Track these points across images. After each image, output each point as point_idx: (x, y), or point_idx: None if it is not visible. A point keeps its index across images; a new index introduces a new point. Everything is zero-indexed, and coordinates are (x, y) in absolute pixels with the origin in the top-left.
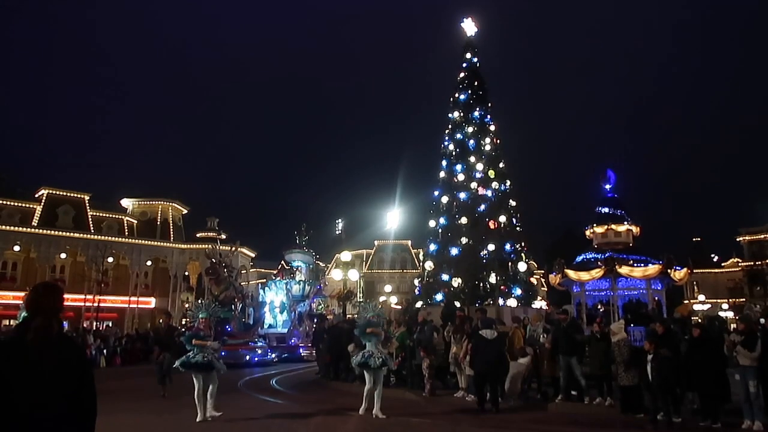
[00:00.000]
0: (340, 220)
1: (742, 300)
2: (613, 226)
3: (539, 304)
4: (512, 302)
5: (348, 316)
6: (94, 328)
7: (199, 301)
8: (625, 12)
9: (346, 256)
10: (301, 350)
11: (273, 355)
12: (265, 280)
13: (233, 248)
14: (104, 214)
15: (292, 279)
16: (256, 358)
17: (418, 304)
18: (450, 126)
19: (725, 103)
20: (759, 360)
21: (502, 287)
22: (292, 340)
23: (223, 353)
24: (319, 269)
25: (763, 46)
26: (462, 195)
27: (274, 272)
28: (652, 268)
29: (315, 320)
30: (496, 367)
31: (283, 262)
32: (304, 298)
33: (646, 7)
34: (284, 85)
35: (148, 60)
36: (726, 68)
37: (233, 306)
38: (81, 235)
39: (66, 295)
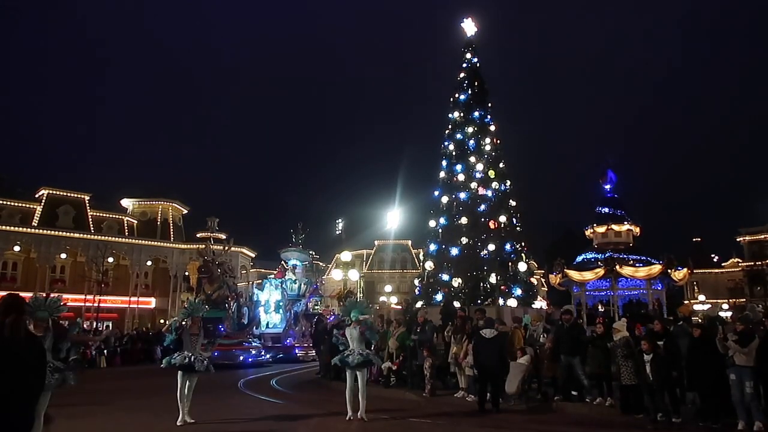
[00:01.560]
0: (340, 220)
1: (742, 300)
2: (614, 226)
3: (540, 304)
4: (512, 302)
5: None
6: (95, 328)
7: (194, 300)
8: (625, 11)
9: (346, 256)
10: (296, 350)
11: (268, 356)
12: (260, 281)
13: (226, 247)
14: (104, 214)
15: (287, 278)
16: (250, 359)
17: (418, 304)
18: (450, 126)
19: (726, 103)
20: (756, 360)
21: (502, 287)
22: (288, 340)
23: (215, 353)
24: (319, 269)
25: (765, 45)
26: (462, 195)
27: (275, 272)
28: (653, 268)
29: (315, 320)
30: (497, 366)
31: (283, 262)
32: (300, 297)
33: (648, 7)
34: (285, 85)
35: (148, 60)
36: (727, 68)
37: (227, 305)
38: (81, 235)
39: (66, 296)
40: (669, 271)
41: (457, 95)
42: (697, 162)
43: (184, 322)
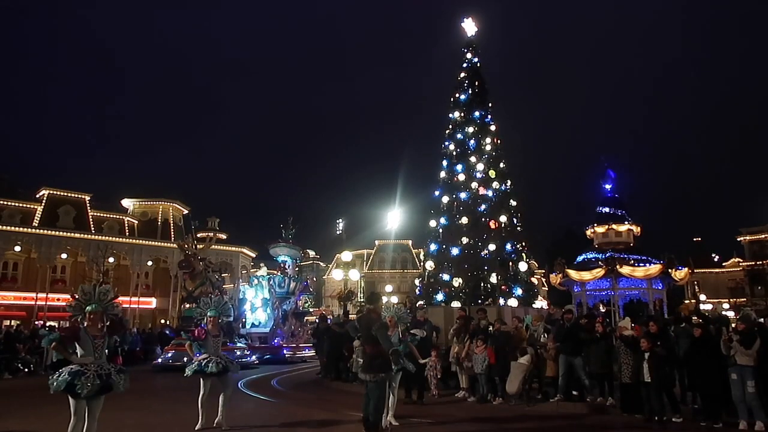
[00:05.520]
0: (340, 220)
1: (743, 300)
2: (614, 226)
3: (540, 304)
4: (513, 302)
5: (351, 316)
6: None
7: (211, 297)
8: (624, 9)
9: (346, 256)
10: (284, 351)
11: (254, 357)
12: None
13: (209, 243)
14: (105, 215)
15: (276, 274)
16: (235, 361)
17: (419, 304)
18: (450, 126)
19: (726, 101)
20: (757, 360)
21: (503, 287)
22: (276, 340)
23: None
24: (319, 269)
25: (764, 43)
26: (462, 195)
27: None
28: (654, 268)
29: (317, 321)
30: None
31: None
32: (290, 294)
33: (646, 4)
34: (285, 85)
35: (148, 60)
36: (726, 67)
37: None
38: (82, 235)
39: (67, 296)
40: (670, 270)
41: (457, 95)
42: (698, 161)
43: (203, 324)
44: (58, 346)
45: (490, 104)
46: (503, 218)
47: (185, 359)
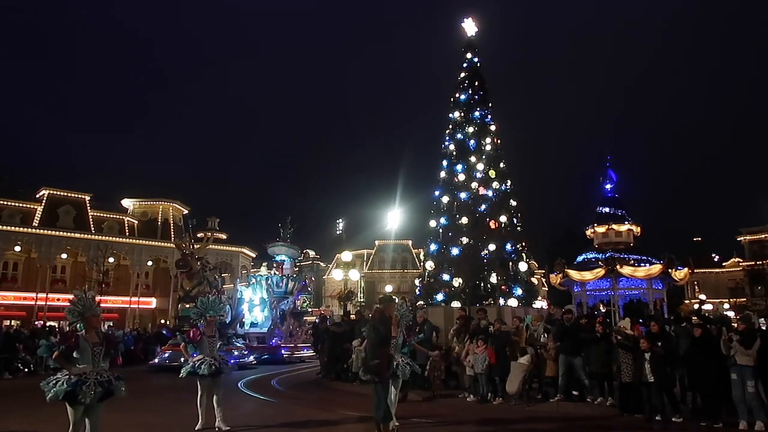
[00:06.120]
0: (341, 220)
1: (743, 300)
2: (614, 226)
3: (540, 304)
4: (513, 302)
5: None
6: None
7: (208, 297)
8: (617, 5)
9: (346, 256)
10: (282, 351)
11: (251, 357)
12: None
13: (206, 243)
14: (105, 215)
15: (274, 274)
16: (232, 361)
17: (419, 304)
18: (450, 126)
19: (725, 101)
20: (757, 360)
21: (503, 287)
22: (273, 340)
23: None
24: (319, 269)
25: (757, 43)
26: (462, 195)
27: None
28: (654, 268)
29: (317, 321)
30: None
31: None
32: (288, 294)
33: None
34: (285, 86)
35: (149, 59)
36: (726, 67)
37: None
38: (82, 235)
39: (67, 296)
40: (670, 270)
41: (457, 95)
42: (697, 161)
43: (199, 325)
44: (60, 357)
45: (490, 104)
46: (503, 218)
47: (182, 359)
